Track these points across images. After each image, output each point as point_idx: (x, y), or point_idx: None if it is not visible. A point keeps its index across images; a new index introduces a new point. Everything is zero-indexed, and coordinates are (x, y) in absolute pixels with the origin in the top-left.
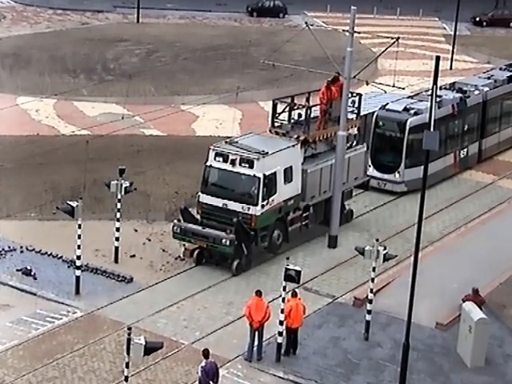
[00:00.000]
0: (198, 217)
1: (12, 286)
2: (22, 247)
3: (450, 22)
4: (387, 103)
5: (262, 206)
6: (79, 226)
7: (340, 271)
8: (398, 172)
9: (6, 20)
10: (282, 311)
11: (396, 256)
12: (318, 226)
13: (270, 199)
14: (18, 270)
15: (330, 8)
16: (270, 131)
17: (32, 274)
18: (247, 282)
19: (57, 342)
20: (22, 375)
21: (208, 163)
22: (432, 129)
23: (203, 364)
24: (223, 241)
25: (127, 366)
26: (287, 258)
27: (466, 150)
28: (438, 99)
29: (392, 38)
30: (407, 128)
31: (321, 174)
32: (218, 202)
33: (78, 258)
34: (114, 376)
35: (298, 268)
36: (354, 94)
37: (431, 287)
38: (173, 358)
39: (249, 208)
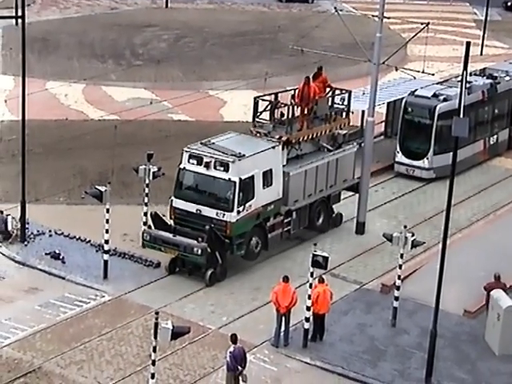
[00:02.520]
0: (172, 223)
1: (41, 270)
2: (50, 231)
3: (481, 7)
4: (416, 89)
5: (238, 212)
6: (107, 211)
7: (367, 258)
8: (427, 158)
9: (35, 5)
10: (309, 297)
11: (424, 243)
12: (303, 231)
13: (247, 205)
14: (46, 254)
15: None
16: (251, 131)
17: (60, 257)
18: (274, 268)
19: (84, 325)
20: (50, 358)
21: (181, 166)
22: (461, 115)
23: (231, 349)
24: (194, 250)
25: (154, 350)
26: (315, 244)
27: (495, 136)
28: (467, 85)
29: (422, 24)
30: (436, 114)
31: (305, 176)
32: (191, 208)
33: (106, 242)
34: (141, 360)
35: (325, 254)
36: (344, 91)
37: (459, 274)
38: (200, 343)
39: (223, 214)
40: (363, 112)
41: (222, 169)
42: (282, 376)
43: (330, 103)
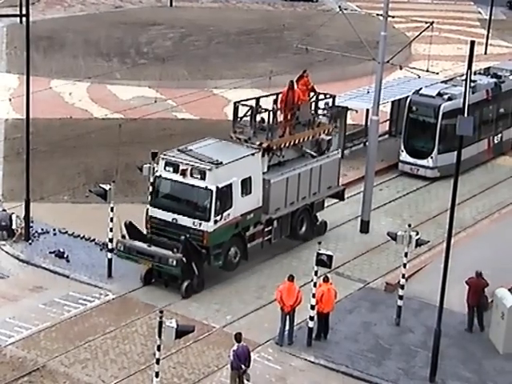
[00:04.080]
0: (149, 232)
1: (45, 268)
2: (55, 230)
3: (485, 6)
4: (421, 88)
5: (215, 222)
6: (112, 209)
7: (372, 256)
8: (431, 157)
9: (40, 3)
10: (314, 296)
11: (428, 241)
12: (285, 240)
13: (225, 214)
14: (51, 253)
15: None
16: (231, 137)
17: (65, 256)
18: (280, 267)
19: (89, 324)
20: (54, 356)
21: (157, 173)
22: (466, 114)
23: (235, 348)
24: (169, 261)
25: (159, 348)
26: (319, 243)
27: (500, 135)
28: (472, 84)
29: (426, 23)
30: (441, 113)
31: (287, 184)
32: (167, 217)
33: (111, 240)
34: (145, 358)
35: (329, 253)
36: (328, 96)
37: (463, 273)
38: (204, 342)
39: (200, 224)
40: (368, 111)
41: (198, 177)
42: (287, 375)
43: (313, 108)
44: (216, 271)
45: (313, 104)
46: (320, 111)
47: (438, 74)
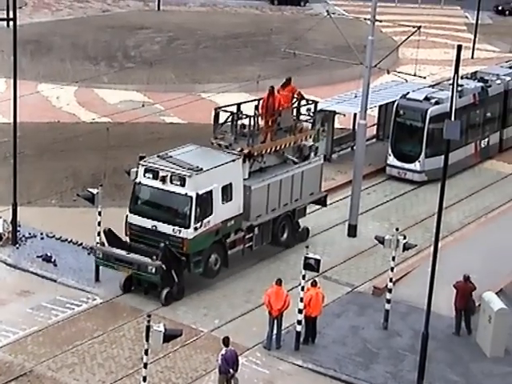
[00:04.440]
0: (127, 239)
1: (32, 273)
2: (42, 234)
3: (472, 11)
4: (408, 92)
5: (195, 229)
6: (99, 213)
7: (360, 260)
8: (419, 161)
9: (27, 7)
10: (302, 300)
11: (416, 245)
12: (267, 247)
13: (205, 221)
14: (38, 257)
15: None
16: (212, 143)
17: (52, 260)
18: (267, 271)
19: (76, 328)
20: (41, 361)
21: (137, 180)
22: (453, 118)
23: (223, 352)
24: (149, 268)
25: (146, 353)
26: (307, 247)
27: (487, 139)
28: (459, 88)
29: (413, 27)
30: (428, 117)
31: (268, 190)
32: (147, 224)
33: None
34: (133, 363)
35: (317, 257)
36: (310, 102)
37: (451, 277)
38: (192, 346)
39: (180, 231)
40: (355, 115)
41: (178, 183)
42: (275, 379)
43: (295, 114)
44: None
45: (295, 110)
46: (302, 117)
47: (425, 78)
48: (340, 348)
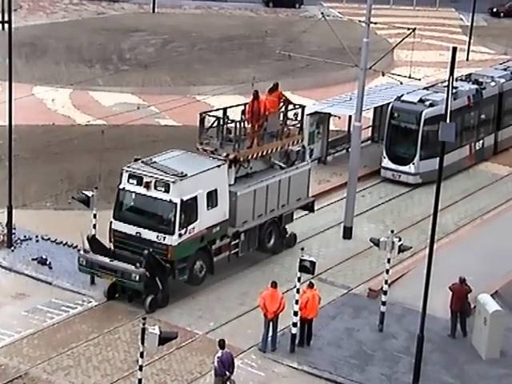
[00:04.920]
0: (111, 246)
1: (27, 275)
2: (37, 236)
3: (467, 13)
4: (402, 94)
5: (180, 235)
6: (94, 216)
7: (355, 262)
8: (413, 163)
9: (22, 9)
10: (297, 302)
11: (411, 247)
12: (254, 253)
13: (190, 227)
14: (33, 259)
15: None
16: (198, 148)
17: (47, 263)
18: (262, 273)
19: (72, 331)
20: (36, 364)
21: (121, 186)
22: (448, 120)
23: (219, 354)
24: (132, 275)
25: (142, 355)
26: (302, 249)
27: (481, 141)
28: (453, 91)
29: (408, 29)
30: (422, 119)
31: (254, 196)
32: (131, 230)
33: None
34: (128, 365)
35: (312, 259)
36: (297, 106)
37: (446, 279)
38: (187, 348)
39: (164, 237)
40: (350, 117)
41: (162, 189)
42: (270, 381)
43: (282, 119)
44: None
45: (281, 115)
46: (290, 122)
47: (420, 80)
48: (335, 350)
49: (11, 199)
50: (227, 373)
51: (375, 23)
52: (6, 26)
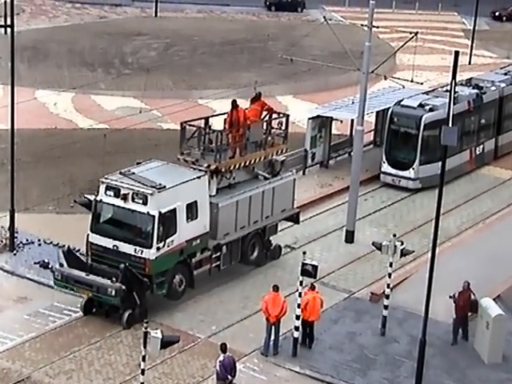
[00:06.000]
0: (89, 259)
1: (29, 279)
2: (39, 240)
3: (469, 17)
4: (402, 99)
5: (158, 249)
6: None
7: (357, 266)
8: (413, 168)
9: (24, 13)
10: (299, 305)
11: (413, 251)
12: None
13: (168, 240)
14: (35, 263)
15: (349, 2)
16: (178, 159)
17: (50, 267)
18: (264, 276)
19: (74, 334)
20: (39, 367)
21: (98, 197)
22: (450, 124)
23: (221, 358)
24: (108, 290)
25: (144, 359)
26: (304, 253)
27: (481, 146)
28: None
29: (411, 33)
30: (422, 124)
31: (237, 207)
32: (108, 243)
33: None
34: (130, 369)
35: (314, 263)
36: (281, 115)
37: (448, 283)
38: (189, 352)
39: (142, 251)
40: (352, 121)
41: (140, 201)
42: None
43: (266, 128)
44: (199, 281)
45: (265, 124)
46: (275, 131)
47: (422, 84)
48: (337, 354)
49: (13, 203)
50: (229, 377)
51: (377, 27)
52: (9, 30)
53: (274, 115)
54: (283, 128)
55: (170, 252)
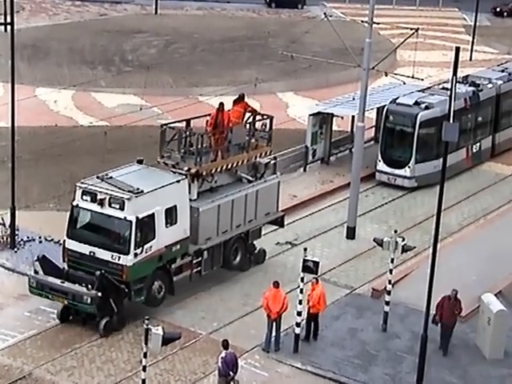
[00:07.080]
0: (65, 266)
1: None
2: (40, 237)
3: (470, 13)
4: (398, 97)
5: (135, 255)
6: None
7: (358, 262)
8: (409, 167)
9: (24, 11)
10: (301, 302)
11: (414, 247)
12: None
13: (147, 246)
14: (36, 261)
15: None
16: (158, 162)
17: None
18: (265, 273)
19: (75, 331)
20: (40, 364)
21: (74, 203)
22: (451, 120)
23: (223, 355)
24: (84, 298)
25: (145, 355)
26: (305, 249)
27: (478, 144)
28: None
29: (411, 29)
30: (418, 122)
31: (218, 211)
32: (84, 250)
33: None
34: (131, 366)
35: (316, 259)
36: (265, 117)
37: (450, 279)
38: (190, 349)
39: (119, 257)
40: (353, 117)
41: (117, 206)
42: (273, 381)
43: (249, 130)
44: (201, 278)
45: (248, 126)
46: (258, 133)
47: (423, 80)
48: (339, 350)
49: (14, 200)
50: (231, 373)
51: (378, 23)
52: (9, 27)
53: (258, 117)
54: (267, 130)
55: (148, 258)
